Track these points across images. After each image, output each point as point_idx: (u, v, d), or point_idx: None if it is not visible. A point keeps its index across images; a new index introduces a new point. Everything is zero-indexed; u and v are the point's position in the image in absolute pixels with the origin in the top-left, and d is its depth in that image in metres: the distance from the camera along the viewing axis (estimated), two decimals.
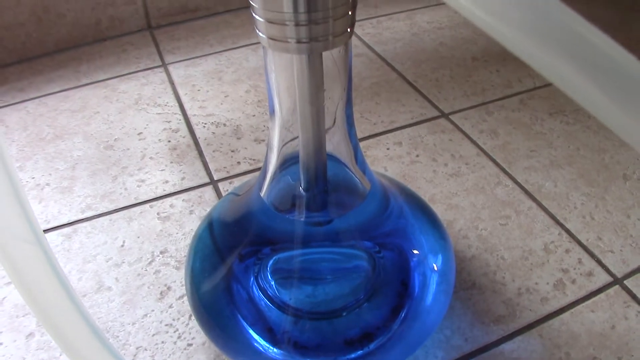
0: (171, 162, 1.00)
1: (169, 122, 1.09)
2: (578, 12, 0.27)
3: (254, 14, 0.52)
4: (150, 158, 1.01)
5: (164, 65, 1.27)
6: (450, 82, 1.17)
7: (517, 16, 0.27)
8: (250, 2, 0.51)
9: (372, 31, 1.36)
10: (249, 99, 1.14)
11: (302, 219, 0.64)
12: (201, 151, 1.02)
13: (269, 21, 0.50)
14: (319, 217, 0.64)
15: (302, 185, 0.63)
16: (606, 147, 1.01)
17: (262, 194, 0.65)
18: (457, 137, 1.03)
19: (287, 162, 0.63)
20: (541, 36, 0.27)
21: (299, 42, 0.50)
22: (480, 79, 1.18)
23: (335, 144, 0.61)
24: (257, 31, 0.52)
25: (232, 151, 1.01)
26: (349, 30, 0.52)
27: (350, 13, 0.50)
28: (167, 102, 1.14)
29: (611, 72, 0.26)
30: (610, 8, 1.47)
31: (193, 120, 1.09)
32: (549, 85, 1.16)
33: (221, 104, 1.13)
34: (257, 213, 0.67)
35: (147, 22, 1.41)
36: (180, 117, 1.10)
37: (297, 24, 0.49)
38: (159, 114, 1.11)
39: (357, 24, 1.33)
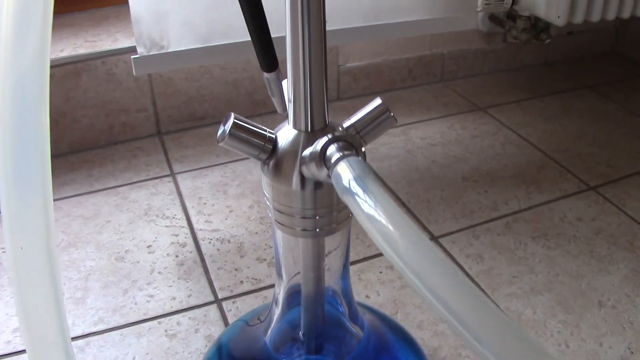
0: (178, 279, 1.07)
1: (176, 235, 1.17)
2: (567, 127, 0.34)
3: (265, 197, 0.59)
4: (159, 273, 1.08)
5: (172, 174, 1.35)
6: (441, 204, 1.25)
7: None
8: (263, 189, 0.59)
9: (369, 146, 1.44)
10: (252, 214, 1.22)
11: None
12: (207, 268, 1.09)
13: (278, 211, 0.58)
14: None
15: (302, 330, 0.71)
16: (584, 273, 1.09)
17: (267, 337, 0.73)
18: None
19: (291, 311, 0.71)
20: None
21: (304, 230, 0.58)
22: (469, 200, 1.26)
23: (333, 300, 0.69)
24: (268, 210, 0.60)
25: (236, 269, 1.08)
26: (350, 215, 0.60)
27: None
28: (175, 215, 1.22)
29: None
30: (600, 122, 1.56)
31: (199, 235, 1.16)
32: (534, 207, 1.24)
33: (226, 219, 1.21)
34: (261, 351, 0.74)
35: (157, 128, 1.50)
36: (188, 231, 1.18)
37: (303, 217, 0.57)
38: (168, 226, 1.19)
39: None
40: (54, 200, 1.21)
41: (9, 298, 1.04)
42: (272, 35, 0.63)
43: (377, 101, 0.56)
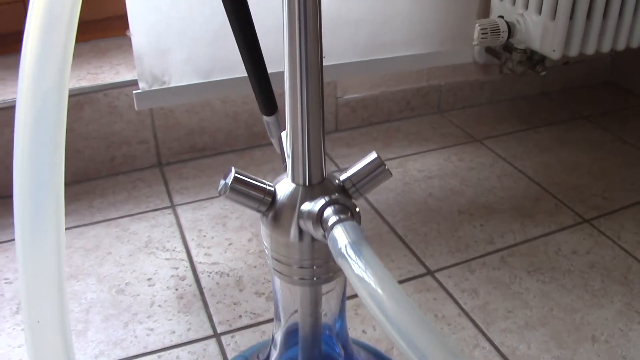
0: (178, 312, 1.08)
1: (176, 268, 1.18)
2: (562, 158, 0.36)
3: (264, 246, 0.61)
4: (159, 306, 1.10)
5: (172, 206, 1.37)
6: (437, 237, 1.27)
7: None
8: (262, 238, 0.61)
9: None
10: (251, 248, 1.24)
11: None
12: (206, 302, 1.11)
13: (277, 260, 0.60)
14: None
15: None
16: (578, 307, 1.11)
17: None
18: (440, 296, 1.12)
19: (288, 351, 0.73)
20: None
21: (302, 278, 0.60)
22: (465, 234, 1.28)
23: (330, 340, 0.71)
24: (267, 257, 0.62)
25: (235, 303, 1.10)
26: None
27: None
28: (175, 247, 1.24)
29: None
30: (595, 153, 1.58)
31: (199, 269, 1.18)
32: (529, 240, 1.26)
33: (225, 251, 1.22)
34: None
35: (158, 159, 1.52)
36: (187, 264, 1.19)
37: (301, 267, 0.59)
38: (168, 259, 1.21)
39: None
40: None
41: (11, 329, 1.05)
42: (271, 70, 0.65)
43: (373, 155, 0.58)
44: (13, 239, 1.26)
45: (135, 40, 1.16)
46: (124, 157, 1.48)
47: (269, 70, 0.68)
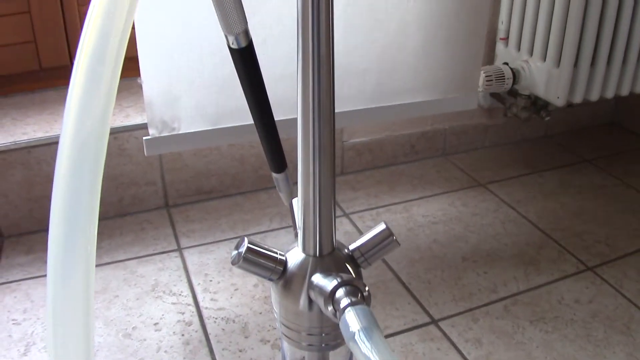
0: (184, 358, 1.10)
1: (182, 313, 1.20)
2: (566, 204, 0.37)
3: (274, 311, 0.63)
4: (165, 352, 1.11)
5: (179, 249, 1.38)
6: (441, 285, 1.28)
7: None
8: (272, 304, 0.62)
9: (371, 224, 1.48)
10: (257, 293, 1.25)
11: None
12: (212, 348, 1.12)
13: (286, 326, 0.61)
14: None
15: None
16: (581, 358, 1.12)
17: None
18: (444, 346, 1.13)
19: None
20: None
21: (310, 344, 0.61)
22: (469, 282, 1.29)
23: None
24: (276, 322, 0.63)
25: (240, 350, 1.11)
26: None
27: None
28: (182, 292, 1.25)
29: None
30: (598, 198, 1.60)
31: (205, 314, 1.19)
32: (532, 289, 1.27)
33: (231, 297, 1.24)
34: None
35: (166, 201, 1.54)
36: (194, 309, 1.21)
37: (310, 334, 0.60)
38: (174, 304, 1.22)
39: (357, 215, 1.45)
40: None
41: None
42: (281, 117, 0.67)
43: (382, 226, 0.59)
44: (21, 279, 1.27)
45: (145, 87, 1.18)
46: (132, 198, 1.50)
47: (280, 117, 0.70)
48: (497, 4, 1.66)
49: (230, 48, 0.61)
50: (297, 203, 0.59)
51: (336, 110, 1.27)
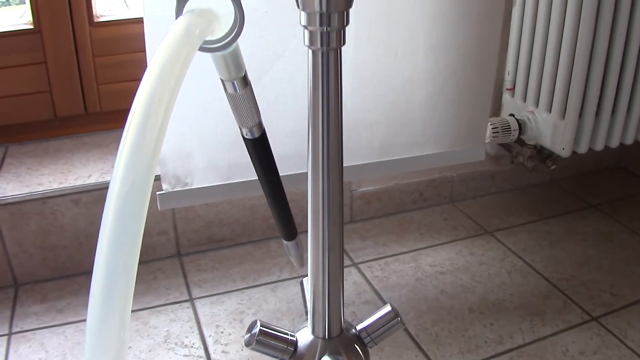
0: None
1: None
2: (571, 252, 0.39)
3: None
4: None
5: (191, 299, 1.41)
6: (448, 337, 1.30)
7: None
8: None
9: (380, 274, 1.50)
10: None
11: None
12: None
13: None
14: None
15: None
16: None
17: None
18: None
19: None
20: None
21: None
22: (476, 334, 1.31)
23: None
24: None
25: None
26: None
27: None
28: (194, 343, 1.28)
29: None
30: (604, 245, 1.62)
31: None
32: (537, 340, 1.29)
33: (242, 349, 1.26)
34: None
35: (177, 250, 1.57)
36: None
37: None
38: (186, 356, 1.24)
39: (365, 264, 1.48)
40: (77, 322, 1.27)
41: None
42: (292, 172, 0.70)
43: (387, 308, 0.62)
44: (36, 328, 1.30)
45: None
46: (144, 247, 1.52)
47: (291, 172, 0.73)
48: (503, 55, 1.69)
49: (244, 138, 0.64)
50: (307, 283, 0.62)
51: (346, 164, 1.30)
